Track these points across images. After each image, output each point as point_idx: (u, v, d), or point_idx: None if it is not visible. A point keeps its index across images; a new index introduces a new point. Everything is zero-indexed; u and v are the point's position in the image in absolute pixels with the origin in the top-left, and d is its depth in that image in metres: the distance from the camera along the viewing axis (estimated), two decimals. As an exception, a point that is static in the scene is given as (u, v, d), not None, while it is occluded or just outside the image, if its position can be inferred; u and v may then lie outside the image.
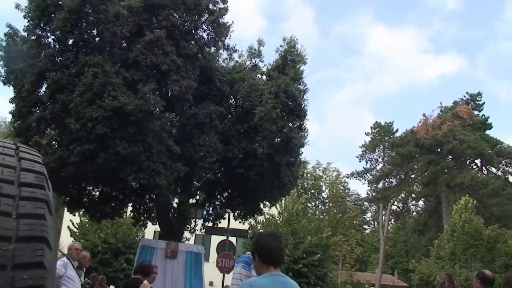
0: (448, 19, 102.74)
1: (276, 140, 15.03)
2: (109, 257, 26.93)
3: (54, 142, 14.87)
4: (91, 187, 16.23)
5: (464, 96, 57.23)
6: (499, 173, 53.11)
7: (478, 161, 54.88)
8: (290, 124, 15.66)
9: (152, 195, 15.32)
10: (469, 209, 40.02)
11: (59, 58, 13.62)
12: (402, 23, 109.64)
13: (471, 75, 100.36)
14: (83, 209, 16.80)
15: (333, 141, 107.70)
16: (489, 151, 49.65)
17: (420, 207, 64.32)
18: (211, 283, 23.54)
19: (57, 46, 14.07)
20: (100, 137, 12.24)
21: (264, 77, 17.02)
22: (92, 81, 12.34)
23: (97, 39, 14.07)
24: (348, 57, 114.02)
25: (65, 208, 20.29)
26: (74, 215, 17.98)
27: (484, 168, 54.93)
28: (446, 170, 51.47)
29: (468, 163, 54.50)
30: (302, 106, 16.03)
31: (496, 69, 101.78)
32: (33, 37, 13.90)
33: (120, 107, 12.13)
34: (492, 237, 37.55)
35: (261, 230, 30.41)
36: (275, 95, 14.68)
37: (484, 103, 56.70)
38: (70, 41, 13.91)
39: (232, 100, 16.80)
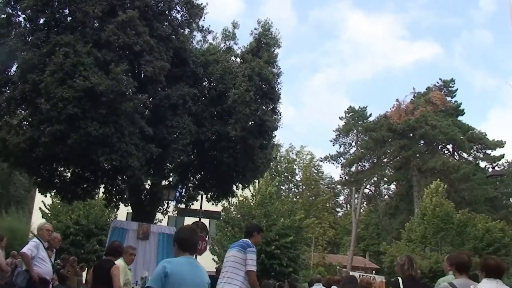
0: (425, 6, 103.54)
1: (250, 123, 15.07)
2: (81, 239, 26.77)
3: (24, 123, 14.64)
4: (62, 168, 16.04)
5: (438, 82, 57.91)
6: (470, 158, 54.02)
7: (449, 147, 55.75)
8: (264, 107, 15.69)
9: (124, 177, 15.22)
10: (440, 193, 40.69)
11: (30, 38, 13.41)
12: (379, 9, 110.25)
13: (445, 61, 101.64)
14: (55, 190, 16.64)
15: (308, 125, 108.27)
16: (461, 137, 50.40)
17: (392, 191, 65.26)
18: (184, 265, 23.60)
19: (28, 25, 13.82)
20: (71, 118, 12.11)
21: (238, 59, 16.99)
22: (63, 61, 12.16)
23: (69, 18, 13.85)
24: (325, 42, 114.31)
25: (37, 189, 20.12)
26: (46, 196, 17.80)
27: (455, 153, 55.80)
28: (418, 155, 52.21)
29: (439, 148, 55.32)
30: (276, 89, 16.09)
31: (470, 57, 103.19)
32: (3, 16, 13.61)
33: (92, 87, 12.00)
34: (462, 221, 38.27)
35: (234, 212, 30.64)
36: (249, 78, 14.69)
37: (457, 89, 57.50)
38: (41, 20, 13.72)
39: (206, 83, 16.75)
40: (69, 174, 16.33)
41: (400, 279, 6.26)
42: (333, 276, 14.76)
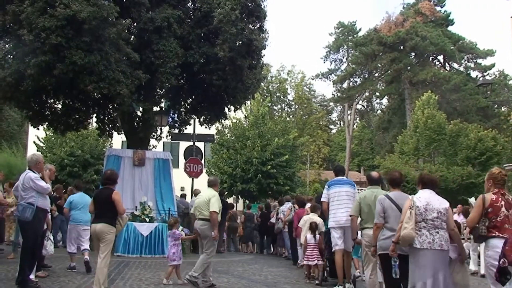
0: None
1: (237, 43, 14.85)
2: (78, 170, 27.02)
3: (9, 56, 14.40)
4: (52, 100, 15.95)
5: (427, -8, 56.74)
6: (461, 68, 53.75)
7: (440, 57, 55.38)
8: (250, 26, 15.46)
9: (114, 105, 15.19)
10: (432, 104, 40.87)
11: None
12: None
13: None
14: (47, 123, 16.63)
15: (299, 44, 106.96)
16: (451, 47, 50.00)
17: (384, 105, 65.51)
18: (182, 188, 24.01)
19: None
20: (55, 48, 11.92)
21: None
22: (42, -10, 11.84)
23: None
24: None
25: (29, 123, 20.11)
26: (38, 129, 17.79)
27: (446, 64, 55.53)
28: (409, 67, 51.95)
29: (430, 59, 54.98)
30: (262, 6, 15.78)
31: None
32: None
33: (73, 15, 11.72)
34: (454, 132, 38.62)
35: (228, 135, 30.89)
36: (234, -4, 14.35)
37: (446, -2, 56.45)
38: None
39: (190, 3, 16.39)
40: (59, 106, 16.28)
41: None
42: (306, 196, 15.61)
